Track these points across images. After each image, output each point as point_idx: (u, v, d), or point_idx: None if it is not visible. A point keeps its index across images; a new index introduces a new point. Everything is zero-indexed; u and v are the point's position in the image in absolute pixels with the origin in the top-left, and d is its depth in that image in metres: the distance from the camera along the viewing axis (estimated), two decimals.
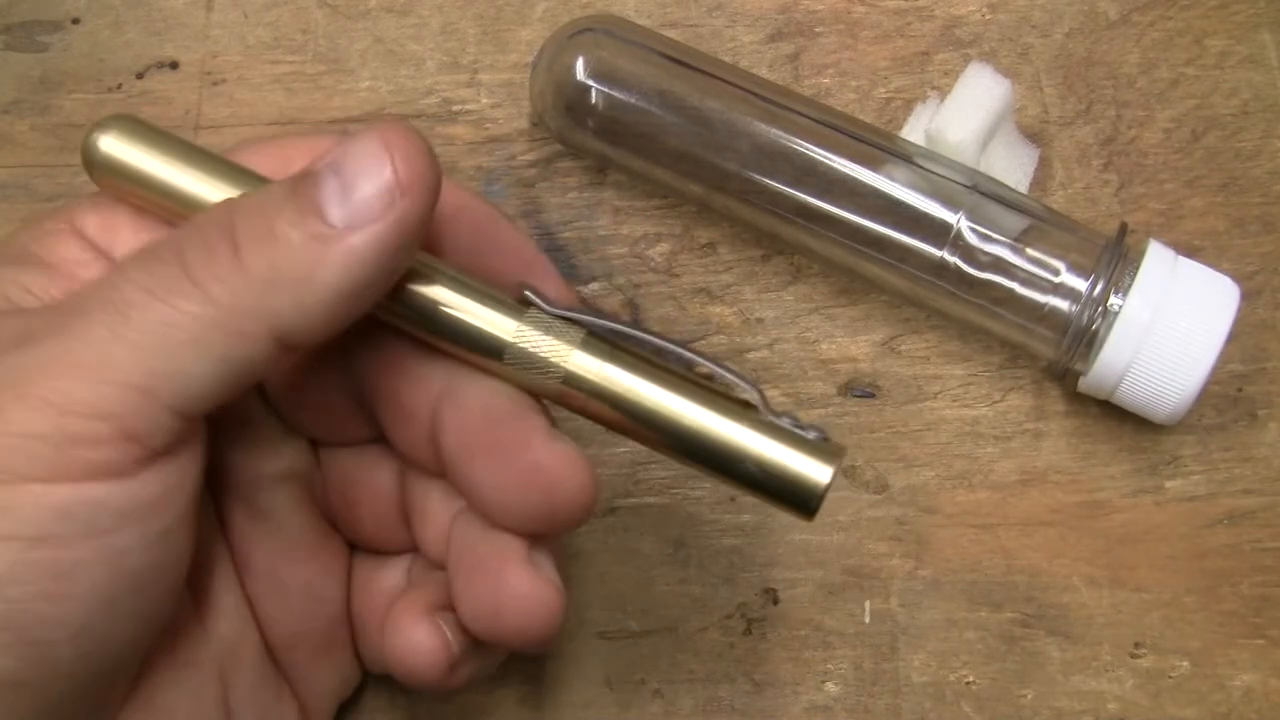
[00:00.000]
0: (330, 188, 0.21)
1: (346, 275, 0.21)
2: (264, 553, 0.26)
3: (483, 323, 0.23)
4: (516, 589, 0.23)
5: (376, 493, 0.26)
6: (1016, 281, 0.30)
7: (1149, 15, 0.34)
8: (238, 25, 0.34)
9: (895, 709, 0.31)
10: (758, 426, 0.23)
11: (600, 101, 0.31)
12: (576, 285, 0.33)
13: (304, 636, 0.26)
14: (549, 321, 0.24)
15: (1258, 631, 0.31)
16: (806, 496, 0.23)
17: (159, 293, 0.21)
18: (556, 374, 0.24)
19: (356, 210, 0.21)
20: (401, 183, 0.21)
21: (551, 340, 0.24)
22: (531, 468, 0.23)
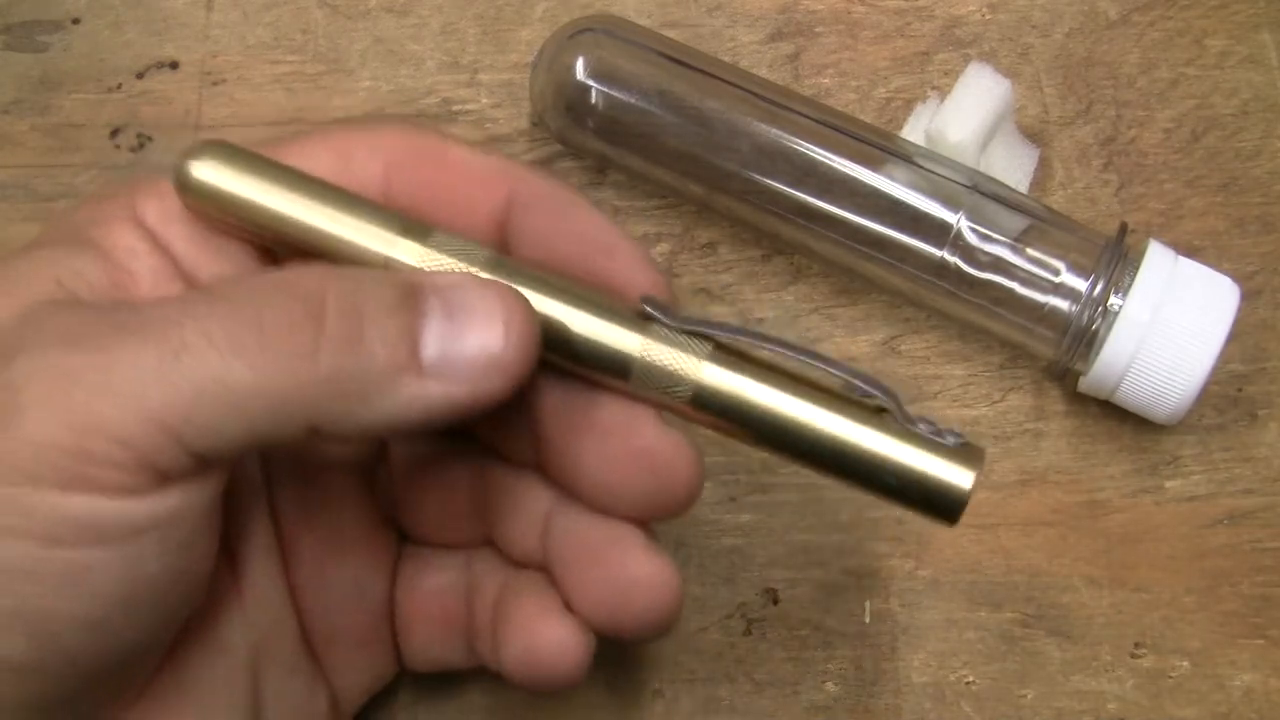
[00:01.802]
0: (435, 325, 0.21)
1: (404, 414, 0.20)
2: (314, 543, 0.25)
3: (607, 341, 0.22)
4: (640, 573, 0.22)
5: (453, 483, 0.26)
6: (1016, 281, 0.30)
7: (1149, 15, 0.34)
8: (238, 25, 0.34)
9: (895, 709, 0.31)
10: (895, 435, 0.23)
11: (600, 101, 0.31)
12: None
13: (345, 629, 0.26)
14: (673, 336, 0.23)
15: (1258, 631, 0.31)
16: (949, 505, 0.23)
17: (221, 346, 0.20)
18: (685, 391, 0.23)
19: (451, 363, 0.21)
20: (504, 360, 0.21)
21: (678, 354, 0.23)
22: (643, 451, 0.22)
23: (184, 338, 0.20)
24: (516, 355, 0.21)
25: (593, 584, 0.23)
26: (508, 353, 0.21)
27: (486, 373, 0.21)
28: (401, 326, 0.21)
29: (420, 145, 0.24)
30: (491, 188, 0.24)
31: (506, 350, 0.21)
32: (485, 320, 0.21)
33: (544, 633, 0.23)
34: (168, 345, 0.20)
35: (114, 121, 0.34)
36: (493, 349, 0.21)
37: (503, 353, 0.21)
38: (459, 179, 0.24)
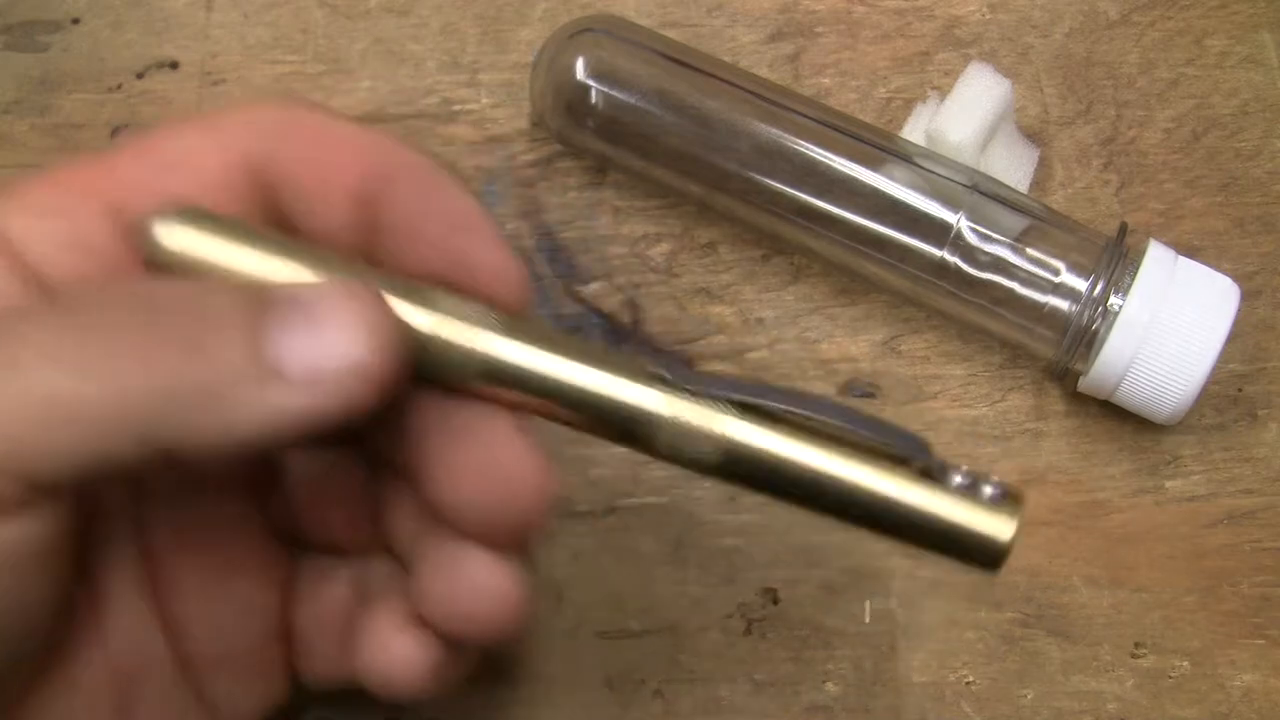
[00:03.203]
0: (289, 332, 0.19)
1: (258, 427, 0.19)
2: (196, 567, 0.24)
3: (632, 402, 0.22)
4: (476, 582, 0.22)
5: (349, 489, 0.25)
6: (1016, 281, 0.30)
7: (1149, 15, 0.34)
8: (238, 25, 0.34)
9: (895, 709, 0.31)
10: (931, 490, 0.22)
11: (600, 101, 0.31)
12: (576, 285, 0.33)
13: (234, 653, 0.25)
14: (696, 398, 0.22)
15: (1258, 631, 0.31)
16: (991, 557, 0.23)
17: (54, 359, 0.18)
18: (714, 455, 0.22)
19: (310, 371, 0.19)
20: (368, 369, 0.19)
21: (706, 413, 0.22)
22: (491, 460, 0.21)
23: (14, 352, 0.18)
24: (381, 363, 0.19)
25: (435, 590, 0.22)
26: (372, 361, 0.19)
27: (349, 382, 0.19)
28: (245, 330, 0.19)
29: (291, 119, 0.23)
30: (357, 160, 0.23)
31: (370, 358, 0.19)
32: (346, 327, 0.19)
33: (388, 646, 0.23)
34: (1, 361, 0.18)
35: (114, 121, 0.34)
36: (355, 356, 0.19)
37: (367, 361, 0.19)
38: (325, 151, 0.23)
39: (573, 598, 0.31)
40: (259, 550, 0.25)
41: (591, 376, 0.22)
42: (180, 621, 0.24)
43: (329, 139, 0.23)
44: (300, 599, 0.25)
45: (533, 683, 0.31)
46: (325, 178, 0.23)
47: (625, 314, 0.33)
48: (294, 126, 0.23)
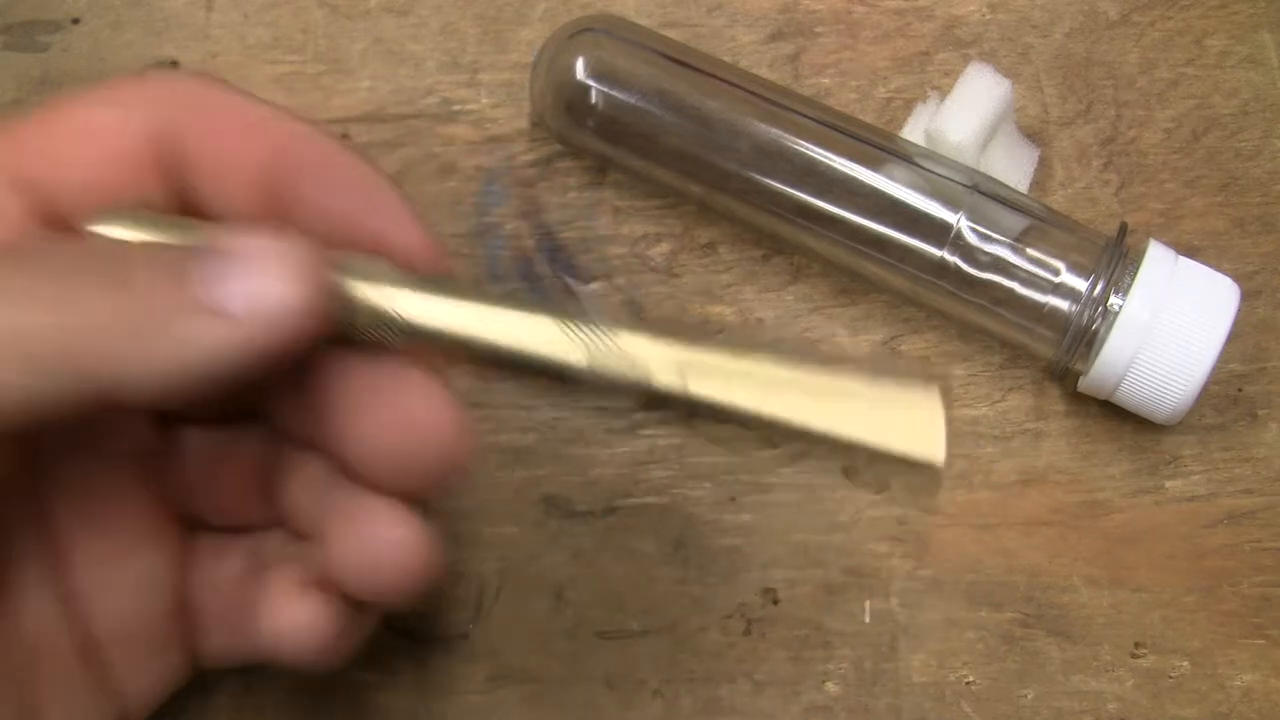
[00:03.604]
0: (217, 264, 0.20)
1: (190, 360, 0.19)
2: (93, 544, 0.24)
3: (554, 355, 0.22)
4: (384, 537, 0.22)
5: (243, 463, 0.25)
6: (1016, 281, 0.30)
7: (1149, 15, 0.34)
8: (238, 25, 0.34)
9: (895, 709, 0.31)
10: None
11: (600, 101, 0.31)
12: (576, 285, 0.33)
13: (134, 631, 0.25)
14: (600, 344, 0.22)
15: (1258, 631, 0.31)
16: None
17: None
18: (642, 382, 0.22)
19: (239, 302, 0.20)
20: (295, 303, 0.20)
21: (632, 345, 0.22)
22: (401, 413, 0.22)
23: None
24: (313, 297, 0.20)
25: (344, 547, 0.22)
26: (305, 294, 0.20)
27: (284, 317, 0.20)
28: (173, 264, 0.20)
29: (198, 95, 0.23)
30: (262, 140, 0.23)
31: (303, 291, 0.20)
32: (274, 263, 0.20)
33: (286, 611, 0.23)
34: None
35: None
36: (290, 292, 0.20)
37: (301, 294, 0.20)
38: (231, 131, 0.23)
39: (573, 598, 0.31)
40: (155, 528, 0.25)
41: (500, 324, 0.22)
42: (79, 600, 0.24)
43: (234, 118, 0.23)
44: (197, 575, 0.25)
45: (533, 683, 0.31)
46: (230, 159, 0.23)
47: (625, 314, 0.33)
48: (200, 103, 0.23)
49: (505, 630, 0.31)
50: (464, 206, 0.33)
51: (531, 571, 0.31)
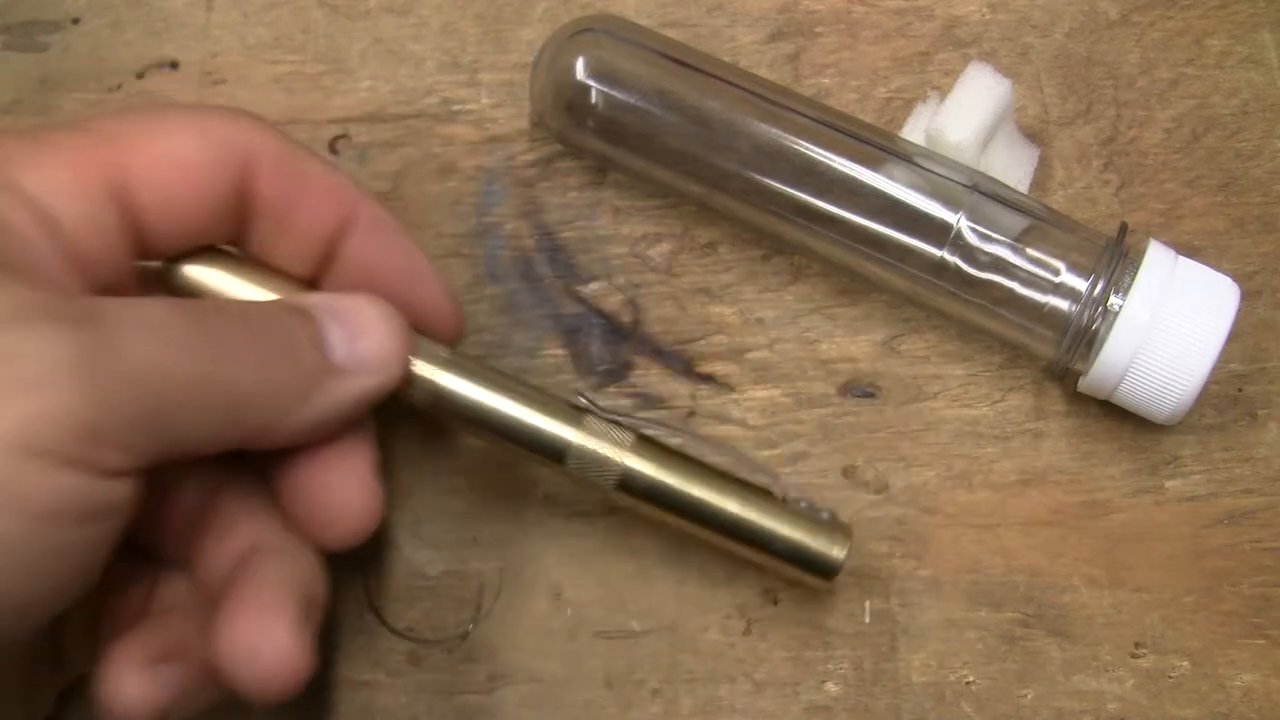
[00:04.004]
0: (336, 332, 0.25)
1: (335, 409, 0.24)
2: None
3: (548, 430, 0.27)
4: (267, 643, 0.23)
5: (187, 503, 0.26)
6: (1016, 281, 0.30)
7: (1149, 15, 0.34)
8: (238, 25, 0.34)
9: (895, 709, 0.31)
10: (783, 514, 0.28)
11: (600, 101, 0.31)
12: (576, 285, 0.33)
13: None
14: (603, 428, 0.27)
15: (1258, 631, 0.31)
16: (827, 569, 0.28)
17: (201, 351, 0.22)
18: (613, 475, 0.27)
19: (359, 360, 0.25)
20: (397, 352, 0.25)
21: (607, 445, 0.27)
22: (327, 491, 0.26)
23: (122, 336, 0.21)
24: (404, 347, 0.26)
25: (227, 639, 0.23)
26: (398, 345, 0.26)
27: (386, 363, 0.25)
28: (312, 338, 0.24)
29: (278, 149, 0.26)
30: (334, 206, 0.26)
31: (396, 343, 0.25)
32: (373, 322, 0.25)
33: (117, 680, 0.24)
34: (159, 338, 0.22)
35: None
36: (387, 344, 0.25)
37: (395, 346, 0.25)
38: (308, 191, 0.26)
39: (572, 598, 0.31)
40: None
41: (514, 410, 0.27)
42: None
43: (314, 185, 0.26)
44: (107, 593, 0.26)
45: (533, 683, 0.31)
46: (306, 220, 0.26)
47: (625, 314, 0.33)
48: (279, 158, 0.26)
49: (505, 630, 0.31)
50: (464, 206, 0.33)
51: (531, 571, 0.31)
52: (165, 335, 0.22)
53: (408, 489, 0.32)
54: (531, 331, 0.32)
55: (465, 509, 0.32)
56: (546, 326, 0.33)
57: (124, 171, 0.24)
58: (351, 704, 0.31)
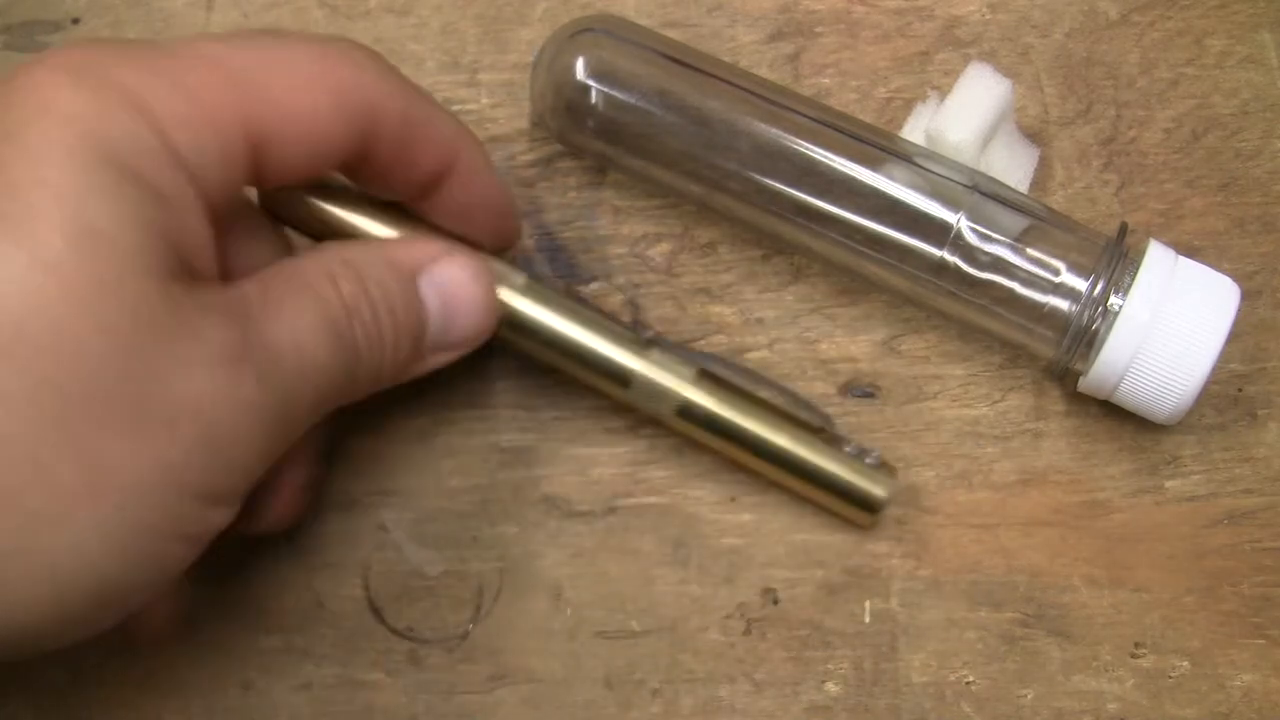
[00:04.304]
0: (435, 324, 0.27)
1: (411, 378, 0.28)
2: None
3: (615, 358, 0.29)
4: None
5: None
6: (1016, 281, 0.30)
7: (1149, 15, 0.34)
8: (238, 25, 0.34)
9: (895, 709, 0.31)
10: (832, 451, 0.30)
11: (600, 101, 0.31)
12: (577, 285, 0.33)
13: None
14: (668, 359, 0.29)
15: (1258, 631, 0.31)
16: (871, 505, 0.30)
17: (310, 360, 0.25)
18: (673, 404, 0.29)
19: (446, 344, 0.28)
20: (481, 336, 0.28)
21: (670, 377, 0.29)
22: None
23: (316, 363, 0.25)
24: (493, 319, 0.28)
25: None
26: (489, 321, 0.28)
27: (477, 338, 0.28)
28: (414, 335, 0.27)
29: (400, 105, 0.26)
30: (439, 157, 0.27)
31: (488, 319, 0.28)
32: (470, 303, 0.28)
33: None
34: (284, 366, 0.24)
35: None
36: (480, 323, 0.28)
37: (486, 322, 0.28)
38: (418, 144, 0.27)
39: (573, 598, 0.31)
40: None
41: (585, 337, 0.29)
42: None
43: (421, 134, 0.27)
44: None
45: (533, 683, 0.31)
46: (408, 168, 0.27)
47: (625, 314, 0.33)
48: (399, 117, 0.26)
49: (505, 630, 0.31)
50: None
51: (531, 571, 0.31)
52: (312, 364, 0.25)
53: (408, 489, 0.32)
54: None
55: (465, 509, 0.32)
56: None
57: (253, 120, 0.24)
58: (351, 704, 0.31)
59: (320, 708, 0.31)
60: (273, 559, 0.31)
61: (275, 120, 0.24)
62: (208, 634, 0.31)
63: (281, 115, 0.24)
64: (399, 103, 0.26)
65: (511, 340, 0.29)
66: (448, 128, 0.27)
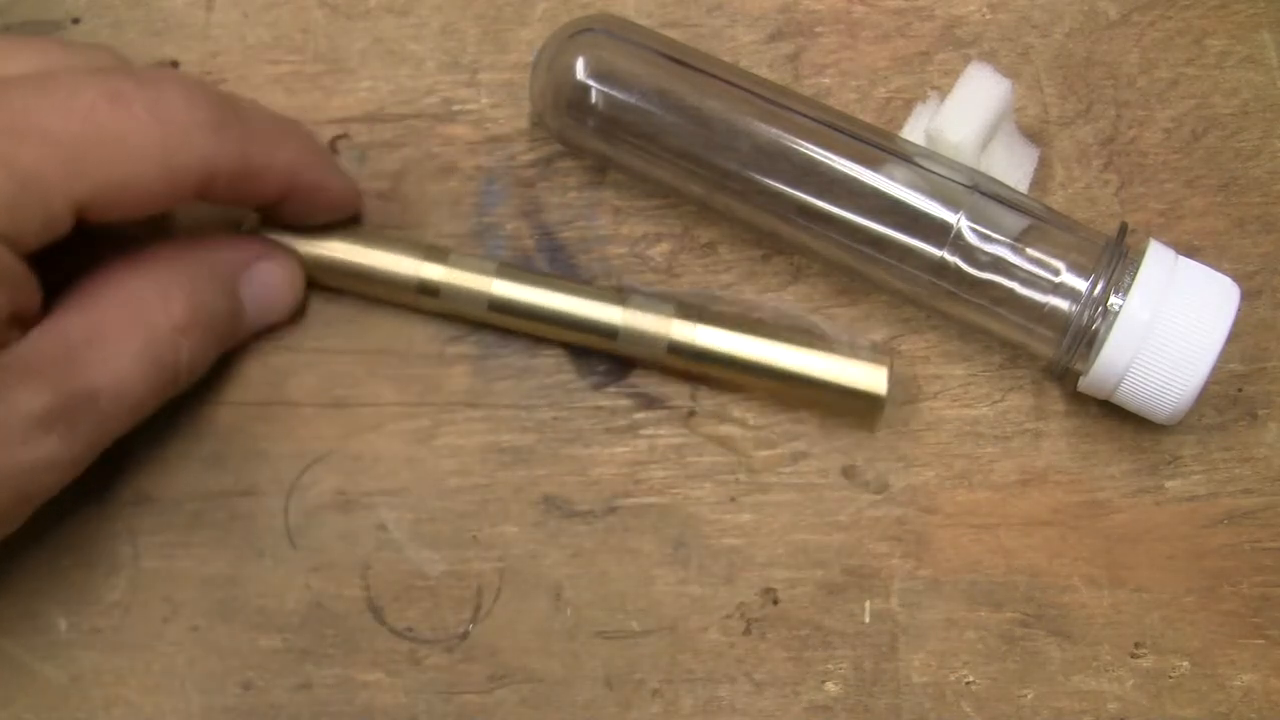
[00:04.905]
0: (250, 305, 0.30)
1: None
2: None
3: (600, 318, 0.31)
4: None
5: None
6: (1016, 281, 0.30)
7: (1149, 15, 0.34)
8: (238, 25, 0.34)
9: (895, 709, 0.31)
10: (829, 346, 0.31)
11: (600, 101, 0.31)
12: None
13: None
14: (645, 301, 0.31)
15: (1258, 631, 0.31)
16: (877, 385, 0.31)
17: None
18: (662, 344, 0.31)
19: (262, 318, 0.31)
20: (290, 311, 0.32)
21: (652, 318, 0.31)
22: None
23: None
24: (296, 306, 0.31)
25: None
26: (293, 308, 0.31)
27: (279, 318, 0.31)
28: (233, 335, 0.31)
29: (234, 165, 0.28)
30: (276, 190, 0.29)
31: (293, 307, 0.31)
32: (281, 301, 0.31)
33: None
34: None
35: None
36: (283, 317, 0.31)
37: (290, 310, 0.31)
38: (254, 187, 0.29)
39: (573, 598, 0.31)
40: None
41: (565, 303, 0.31)
42: None
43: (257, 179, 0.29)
44: None
45: (533, 683, 0.31)
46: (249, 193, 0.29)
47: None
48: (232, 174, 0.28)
49: (505, 630, 0.31)
50: (464, 206, 0.33)
51: (531, 571, 0.31)
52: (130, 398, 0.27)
53: (408, 489, 0.32)
54: None
55: (465, 509, 0.32)
56: None
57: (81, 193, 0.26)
58: (351, 704, 0.31)
59: (320, 708, 0.31)
60: (273, 559, 0.31)
61: (102, 191, 0.26)
62: (208, 634, 0.31)
63: (109, 190, 0.26)
64: (234, 156, 0.28)
65: (499, 321, 0.31)
66: (287, 156, 0.29)
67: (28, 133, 0.25)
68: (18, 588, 0.31)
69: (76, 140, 0.26)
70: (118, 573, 0.31)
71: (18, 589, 0.31)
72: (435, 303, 0.31)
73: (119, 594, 0.31)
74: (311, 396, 0.32)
